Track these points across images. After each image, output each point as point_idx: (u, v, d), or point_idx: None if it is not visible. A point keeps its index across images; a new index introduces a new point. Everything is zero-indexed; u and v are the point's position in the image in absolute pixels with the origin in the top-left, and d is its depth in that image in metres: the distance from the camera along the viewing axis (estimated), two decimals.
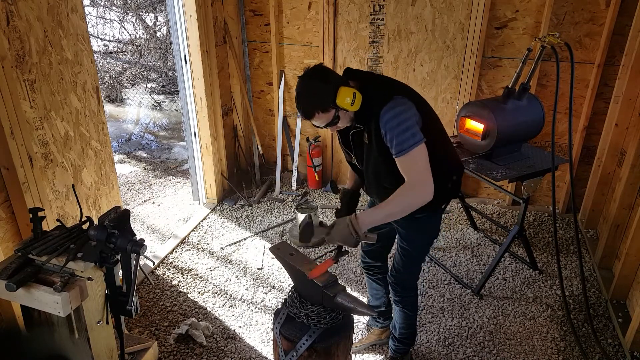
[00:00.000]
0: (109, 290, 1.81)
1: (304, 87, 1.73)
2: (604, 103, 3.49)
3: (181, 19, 3.41)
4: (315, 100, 1.72)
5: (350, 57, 3.88)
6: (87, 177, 2.50)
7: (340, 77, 1.78)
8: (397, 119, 1.71)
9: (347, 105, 1.70)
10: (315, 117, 1.75)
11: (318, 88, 1.71)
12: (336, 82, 1.72)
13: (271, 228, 3.71)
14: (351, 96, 1.69)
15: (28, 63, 2.05)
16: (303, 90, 1.74)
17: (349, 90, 1.70)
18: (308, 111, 1.74)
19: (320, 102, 1.71)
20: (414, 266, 2.19)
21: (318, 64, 1.79)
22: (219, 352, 2.56)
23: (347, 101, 1.69)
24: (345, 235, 1.72)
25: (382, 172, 1.91)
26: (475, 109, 2.92)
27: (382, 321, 2.59)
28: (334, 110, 1.74)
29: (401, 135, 1.71)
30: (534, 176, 2.87)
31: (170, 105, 6.86)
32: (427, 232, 2.10)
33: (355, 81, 1.83)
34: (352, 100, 1.70)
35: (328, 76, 1.74)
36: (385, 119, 1.73)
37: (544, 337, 2.68)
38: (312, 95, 1.72)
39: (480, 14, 3.43)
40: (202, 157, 3.89)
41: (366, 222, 1.74)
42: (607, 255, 3.13)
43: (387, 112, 1.73)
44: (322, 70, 1.75)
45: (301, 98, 1.74)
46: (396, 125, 1.71)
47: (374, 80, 1.89)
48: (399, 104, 1.74)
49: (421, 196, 1.74)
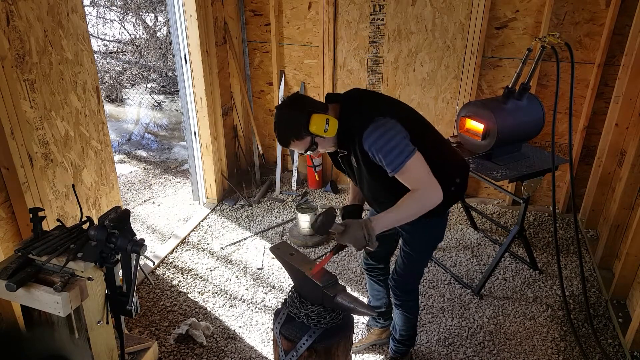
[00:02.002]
0: (109, 290, 1.81)
1: (279, 116, 1.79)
2: (604, 103, 3.49)
3: (181, 19, 3.41)
4: (289, 129, 1.76)
5: (350, 57, 3.88)
6: (87, 177, 2.50)
7: (316, 104, 1.81)
8: (382, 139, 1.72)
9: (321, 132, 1.73)
10: (292, 144, 1.79)
11: (291, 117, 1.75)
12: (310, 109, 1.75)
13: (271, 228, 3.71)
14: (324, 123, 1.72)
15: (28, 63, 2.05)
16: (278, 119, 1.79)
17: (322, 117, 1.72)
18: (283, 140, 1.80)
19: (294, 130, 1.75)
20: (415, 270, 2.18)
21: (295, 93, 1.81)
22: (219, 352, 2.56)
23: (319, 127, 1.72)
24: (358, 238, 1.72)
25: (376, 190, 1.94)
26: (476, 109, 2.92)
27: (382, 321, 2.59)
28: (310, 137, 1.77)
29: (390, 154, 1.72)
30: (534, 176, 2.87)
31: (170, 105, 6.86)
32: (432, 236, 2.10)
33: (337, 104, 1.85)
34: (326, 127, 1.73)
35: (304, 104, 1.77)
36: (369, 142, 1.74)
37: (544, 337, 2.68)
38: (286, 124, 1.77)
39: (481, 14, 3.43)
40: (202, 157, 3.89)
41: (379, 226, 1.74)
42: (607, 255, 3.13)
43: (369, 135, 1.74)
44: (297, 99, 1.81)
45: (276, 127, 1.80)
46: (382, 145, 1.72)
47: (355, 102, 1.88)
48: (380, 126, 1.74)
49: (431, 198, 1.74)
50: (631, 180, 2.88)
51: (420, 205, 1.75)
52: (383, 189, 1.89)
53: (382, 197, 1.95)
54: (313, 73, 4.03)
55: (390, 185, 1.81)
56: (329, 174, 4.36)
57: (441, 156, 1.94)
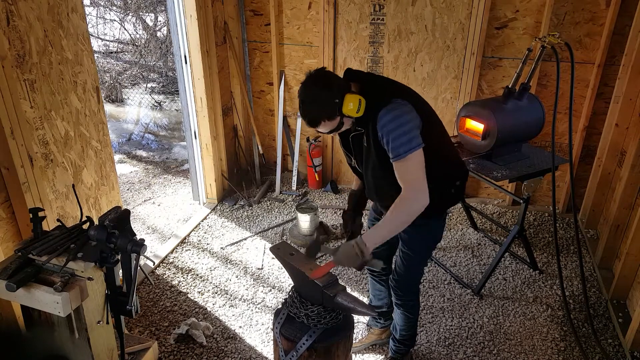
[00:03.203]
0: (109, 290, 1.81)
1: (308, 95, 1.71)
2: (604, 103, 3.49)
3: (181, 19, 3.41)
4: (321, 109, 1.70)
5: (351, 57, 3.88)
6: (87, 177, 2.50)
7: (342, 82, 1.76)
8: (395, 122, 1.69)
9: (353, 112, 1.69)
10: (321, 125, 1.74)
11: (323, 96, 1.68)
12: (340, 88, 1.70)
13: (271, 228, 3.71)
14: (356, 103, 1.68)
15: (28, 63, 2.05)
16: (307, 98, 1.71)
17: (355, 97, 1.68)
18: (314, 119, 1.72)
19: (327, 111, 1.69)
20: (415, 270, 2.18)
21: (320, 68, 1.76)
22: (219, 352, 2.56)
23: (352, 108, 1.68)
24: (351, 257, 1.71)
25: (380, 177, 1.91)
26: (476, 109, 2.92)
27: (383, 321, 2.59)
28: (340, 117, 1.73)
29: (398, 139, 1.68)
30: (534, 176, 2.87)
31: (170, 105, 6.86)
32: (431, 237, 2.09)
33: (356, 83, 1.81)
34: (358, 108, 1.69)
35: (331, 82, 1.71)
36: (383, 122, 1.70)
37: (544, 337, 2.68)
38: (318, 103, 1.70)
39: (481, 14, 3.43)
40: (202, 157, 3.89)
41: (371, 242, 1.73)
42: (607, 255, 3.13)
43: (385, 115, 1.70)
44: (325, 76, 1.73)
45: (306, 106, 1.72)
46: (394, 128, 1.69)
47: (374, 81, 1.86)
48: (397, 107, 1.71)
49: (416, 205, 1.72)
50: (631, 180, 2.88)
51: (407, 215, 1.74)
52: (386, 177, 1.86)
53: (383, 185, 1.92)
54: None
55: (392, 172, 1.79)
56: (329, 174, 4.36)
57: (445, 156, 1.94)
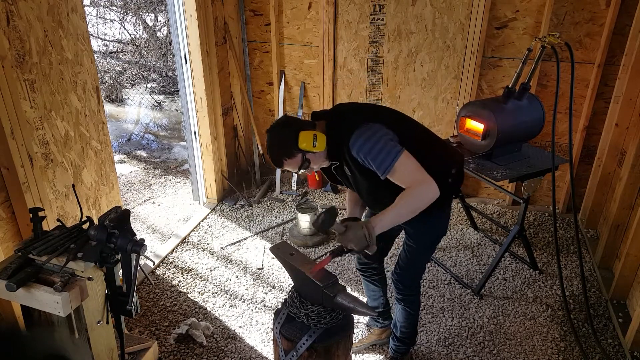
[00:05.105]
0: (109, 290, 1.81)
1: (269, 138, 1.86)
2: (604, 103, 3.49)
3: (181, 18, 3.41)
4: (280, 149, 1.83)
5: (351, 57, 3.88)
6: (87, 177, 2.50)
7: (303, 123, 1.89)
8: (368, 143, 1.76)
9: (310, 147, 1.78)
10: (284, 164, 1.85)
11: (280, 136, 1.83)
12: (297, 127, 1.81)
13: (271, 228, 3.71)
14: (312, 138, 1.78)
15: (28, 63, 2.05)
16: (269, 141, 1.87)
17: (309, 133, 1.78)
18: (275, 159, 1.86)
19: (284, 149, 1.82)
20: (418, 264, 2.20)
21: (282, 116, 1.94)
22: (219, 352, 2.56)
23: (307, 143, 1.77)
24: (359, 237, 1.74)
25: (376, 192, 1.96)
26: (476, 109, 2.92)
27: (382, 321, 2.59)
28: (301, 154, 1.82)
29: (378, 156, 1.75)
30: (534, 176, 2.87)
31: (170, 105, 6.86)
32: (435, 229, 2.11)
33: (323, 121, 1.91)
34: (314, 142, 1.78)
35: (290, 124, 1.85)
36: (357, 147, 1.78)
37: (544, 337, 2.68)
38: (277, 144, 1.84)
39: (481, 14, 3.43)
40: (202, 157, 3.89)
41: (379, 226, 1.76)
42: (607, 255, 3.13)
43: (355, 140, 1.78)
44: (285, 121, 1.88)
45: (269, 149, 1.87)
46: (369, 149, 1.76)
47: (339, 115, 1.94)
48: (364, 130, 1.79)
49: (427, 193, 1.75)
50: (631, 180, 2.88)
51: (417, 201, 1.76)
52: (381, 189, 1.90)
53: (382, 197, 1.95)
54: (313, 73, 4.03)
55: (387, 184, 1.82)
56: None
57: (433, 151, 1.98)
